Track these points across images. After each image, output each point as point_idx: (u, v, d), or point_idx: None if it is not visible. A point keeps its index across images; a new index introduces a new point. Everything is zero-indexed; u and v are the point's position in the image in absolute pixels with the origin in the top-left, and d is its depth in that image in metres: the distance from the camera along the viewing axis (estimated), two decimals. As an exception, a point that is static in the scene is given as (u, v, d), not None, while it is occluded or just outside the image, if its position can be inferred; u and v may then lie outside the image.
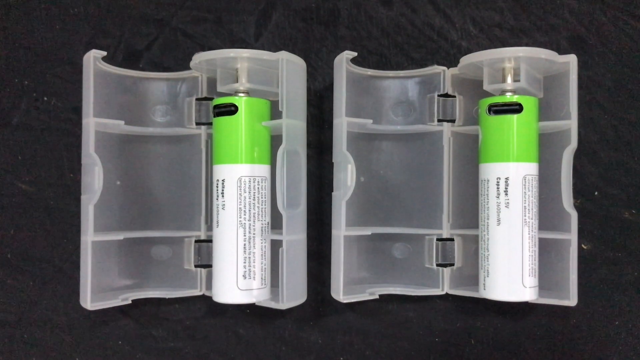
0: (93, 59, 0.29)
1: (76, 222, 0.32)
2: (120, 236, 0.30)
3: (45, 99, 0.32)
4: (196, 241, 0.31)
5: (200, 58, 0.28)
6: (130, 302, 0.30)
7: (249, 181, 0.28)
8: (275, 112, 0.29)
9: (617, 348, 0.31)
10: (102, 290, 0.30)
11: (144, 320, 0.32)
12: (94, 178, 0.28)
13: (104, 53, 0.29)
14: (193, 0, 0.32)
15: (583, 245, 0.31)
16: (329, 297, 0.32)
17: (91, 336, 0.32)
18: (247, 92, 0.29)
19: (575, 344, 0.31)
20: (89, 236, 0.28)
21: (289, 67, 0.28)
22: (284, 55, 0.28)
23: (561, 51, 0.31)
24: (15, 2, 0.32)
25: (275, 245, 0.28)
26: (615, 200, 0.31)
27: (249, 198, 0.28)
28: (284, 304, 0.28)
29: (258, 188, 0.28)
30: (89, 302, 0.29)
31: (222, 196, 0.28)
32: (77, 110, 0.32)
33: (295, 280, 0.29)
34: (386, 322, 0.32)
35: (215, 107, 0.29)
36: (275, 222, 0.29)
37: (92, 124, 0.28)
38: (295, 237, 0.29)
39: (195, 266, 0.31)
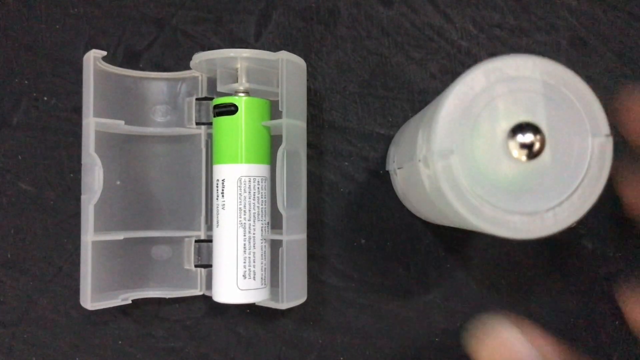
0: (93, 58, 0.29)
1: (76, 222, 0.32)
2: (120, 236, 0.30)
3: (45, 98, 0.32)
4: (196, 241, 0.31)
5: (200, 58, 0.28)
6: (130, 302, 0.30)
7: (249, 181, 0.28)
8: (275, 112, 0.29)
9: (617, 347, 0.31)
10: (102, 290, 0.30)
11: (144, 320, 0.32)
12: (94, 178, 0.28)
13: (104, 53, 0.29)
14: (193, 0, 0.32)
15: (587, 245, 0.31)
16: (329, 297, 0.32)
17: (91, 336, 0.32)
18: (247, 92, 0.29)
19: (575, 344, 0.31)
20: (89, 236, 0.28)
21: (289, 67, 0.28)
22: (284, 55, 0.28)
23: (561, 51, 0.31)
24: (15, 1, 0.32)
25: (275, 245, 0.28)
26: (616, 200, 0.31)
27: (249, 198, 0.28)
28: (284, 304, 0.28)
29: (258, 188, 0.28)
30: (89, 302, 0.29)
31: (222, 196, 0.28)
32: (77, 110, 0.32)
33: (295, 280, 0.29)
34: (386, 321, 0.32)
35: (215, 107, 0.29)
36: (275, 222, 0.29)
37: (92, 124, 0.28)
38: (296, 237, 0.29)
39: (195, 266, 0.31)
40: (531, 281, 0.32)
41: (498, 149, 0.20)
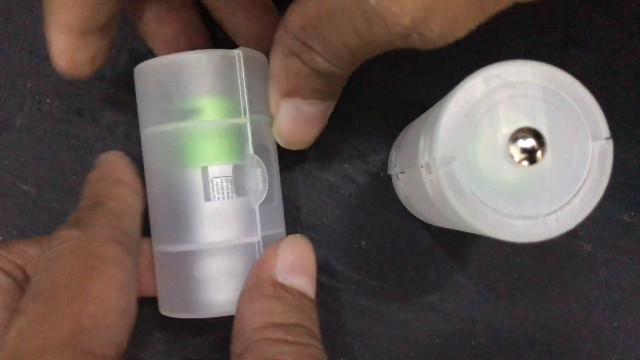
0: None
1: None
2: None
3: (48, 101, 0.32)
4: None
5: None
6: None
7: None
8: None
9: (616, 349, 0.32)
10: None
11: (144, 320, 0.32)
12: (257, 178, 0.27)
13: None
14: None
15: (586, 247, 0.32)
16: (329, 299, 0.32)
17: (93, 337, 0.32)
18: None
19: (575, 345, 0.32)
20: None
21: (248, 63, 0.27)
22: (242, 51, 0.27)
23: (557, 51, 0.32)
24: (18, 3, 0.32)
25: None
26: (615, 202, 0.32)
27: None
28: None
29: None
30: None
31: None
32: (79, 113, 0.32)
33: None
34: (386, 323, 0.32)
35: None
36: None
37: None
38: (272, 232, 0.28)
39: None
40: (530, 283, 0.32)
41: (499, 155, 0.20)
